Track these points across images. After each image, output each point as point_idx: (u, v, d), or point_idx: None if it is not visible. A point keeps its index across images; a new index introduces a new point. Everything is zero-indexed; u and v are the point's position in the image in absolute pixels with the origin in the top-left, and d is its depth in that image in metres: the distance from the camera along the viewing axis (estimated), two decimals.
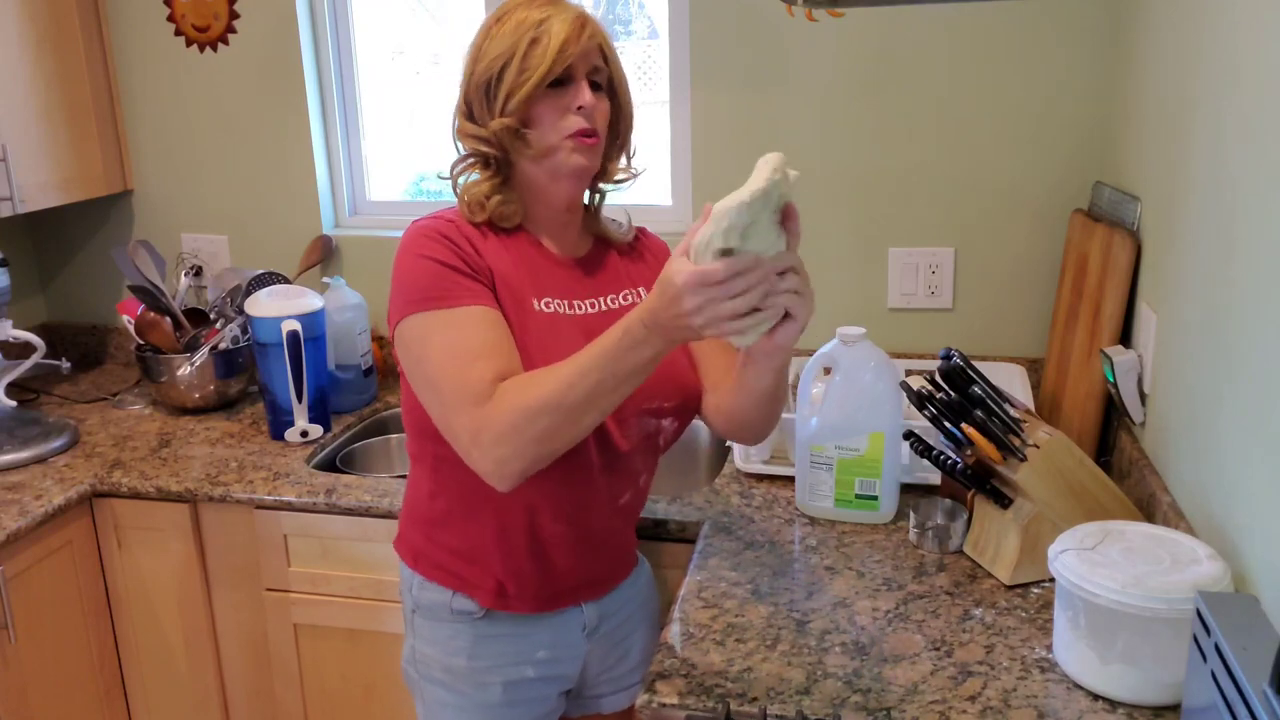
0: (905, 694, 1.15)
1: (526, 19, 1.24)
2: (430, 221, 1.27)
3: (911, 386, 1.43)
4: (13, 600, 1.72)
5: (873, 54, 1.97)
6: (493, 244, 1.28)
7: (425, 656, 1.38)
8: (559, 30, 1.23)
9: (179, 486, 1.84)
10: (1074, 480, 1.36)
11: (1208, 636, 0.95)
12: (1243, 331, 1.14)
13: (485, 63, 1.25)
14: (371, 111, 2.37)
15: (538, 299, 1.29)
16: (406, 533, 1.41)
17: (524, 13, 1.25)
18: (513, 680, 1.36)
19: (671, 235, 2.16)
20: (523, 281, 1.28)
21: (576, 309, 1.32)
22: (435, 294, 1.21)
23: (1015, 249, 2.01)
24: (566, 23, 1.23)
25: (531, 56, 1.23)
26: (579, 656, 1.41)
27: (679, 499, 1.69)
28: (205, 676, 1.95)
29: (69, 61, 2.23)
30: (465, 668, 1.35)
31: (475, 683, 1.36)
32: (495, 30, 1.26)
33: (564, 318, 1.30)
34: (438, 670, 1.37)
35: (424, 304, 1.20)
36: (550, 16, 1.24)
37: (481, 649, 1.35)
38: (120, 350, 2.54)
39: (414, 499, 1.40)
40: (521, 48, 1.23)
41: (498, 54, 1.24)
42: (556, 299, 1.31)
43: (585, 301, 1.34)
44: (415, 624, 1.39)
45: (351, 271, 2.34)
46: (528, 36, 1.23)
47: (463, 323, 1.20)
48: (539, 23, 1.24)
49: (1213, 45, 1.30)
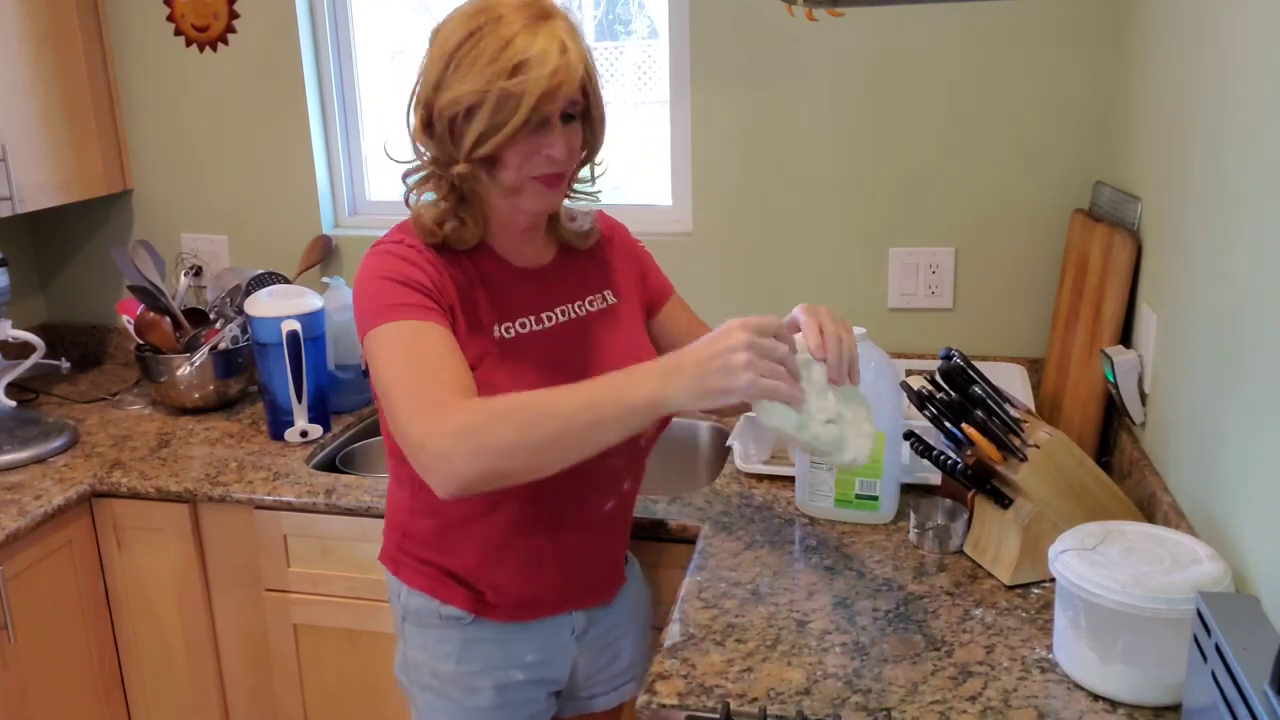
0: (905, 694, 1.15)
1: (502, 54, 1.14)
2: (390, 246, 1.25)
3: (911, 386, 1.43)
4: (13, 600, 1.72)
5: (873, 54, 1.97)
6: (451, 269, 1.25)
7: (416, 662, 1.38)
8: (536, 79, 1.14)
9: (179, 486, 1.84)
10: (1074, 480, 1.36)
11: (1208, 636, 0.95)
12: (1243, 331, 1.14)
13: (452, 93, 1.17)
14: (371, 111, 2.37)
15: (499, 323, 1.27)
16: (390, 544, 1.40)
17: (498, 36, 1.15)
18: (502, 684, 1.36)
19: (671, 235, 2.18)
20: (485, 307, 1.27)
21: (545, 322, 1.31)
22: (396, 305, 1.19)
23: (1015, 249, 2.00)
24: (546, 69, 1.14)
25: (504, 108, 1.15)
26: (568, 659, 1.41)
27: (679, 499, 1.69)
28: (205, 676, 1.95)
29: (69, 61, 2.23)
30: (454, 672, 1.35)
31: (465, 687, 1.35)
32: (468, 53, 1.16)
33: (530, 336, 1.29)
34: (427, 675, 1.37)
35: (386, 316, 1.19)
36: (528, 58, 1.14)
37: (470, 653, 1.35)
38: (120, 350, 2.54)
39: (395, 514, 1.39)
40: (493, 95, 1.14)
41: (468, 91, 1.15)
42: (522, 316, 1.29)
43: (556, 311, 1.33)
44: (405, 631, 1.39)
45: (351, 271, 2.33)
46: (501, 83, 1.14)
47: (424, 333, 1.19)
48: (515, 66, 1.14)
49: (1213, 45, 1.30)
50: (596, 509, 1.36)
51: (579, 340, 1.34)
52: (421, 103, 1.22)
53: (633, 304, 1.43)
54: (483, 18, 1.17)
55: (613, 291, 1.40)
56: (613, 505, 1.38)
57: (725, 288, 2.15)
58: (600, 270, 1.40)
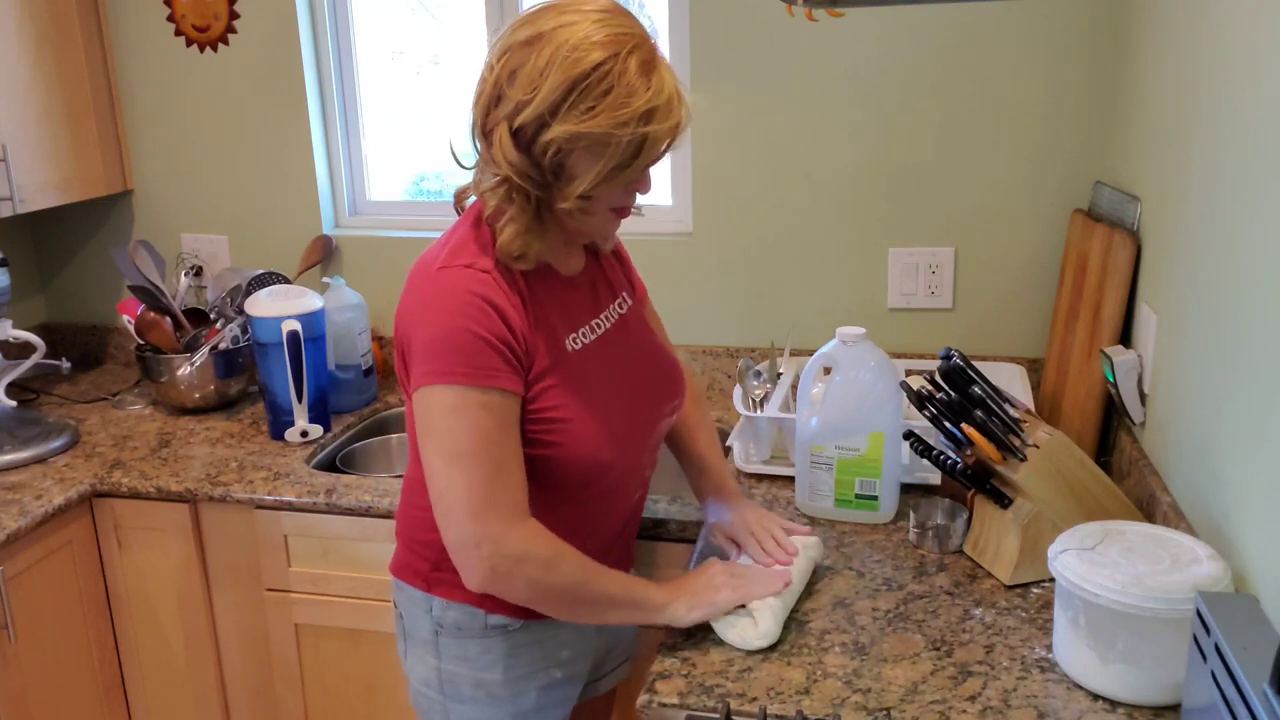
0: (905, 694, 1.15)
1: (632, 98, 1.11)
2: (471, 280, 1.19)
3: (911, 386, 1.43)
4: (13, 600, 1.72)
5: (873, 54, 1.97)
6: (529, 291, 1.24)
7: (454, 675, 1.34)
8: (664, 130, 1.14)
9: (179, 486, 1.84)
10: (1074, 480, 1.36)
11: (1208, 636, 0.95)
12: (1243, 331, 1.14)
13: (570, 128, 1.12)
14: (371, 111, 2.37)
15: (569, 336, 1.29)
16: (419, 561, 1.35)
17: (629, 76, 1.12)
18: (545, 684, 1.36)
19: (671, 235, 2.18)
20: (558, 322, 1.28)
21: (597, 329, 1.34)
22: (479, 366, 1.17)
23: (1015, 249, 2.01)
24: (670, 121, 1.14)
25: (627, 153, 1.14)
26: (592, 650, 1.42)
27: (679, 499, 1.69)
28: (205, 676, 1.95)
29: (69, 62, 2.23)
30: (501, 680, 1.33)
31: (511, 693, 1.35)
32: (594, 88, 1.11)
33: (592, 346, 1.32)
34: (469, 687, 1.34)
35: (465, 376, 1.17)
36: (657, 107, 1.12)
37: (515, 659, 1.34)
38: (120, 350, 2.54)
39: (426, 533, 1.30)
40: (623, 141, 1.12)
41: (593, 132, 1.12)
42: (582, 327, 1.32)
43: (600, 319, 1.35)
44: (440, 644, 1.34)
45: (351, 271, 2.34)
46: (632, 130, 1.12)
47: (503, 412, 1.18)
48: (646, 113, 1.12)
49: (1213, 45, 1.30)
50: (629, 501, 1.41)
51: (622, 345, 1.37)
52: (521, 124, 1.15)
53: (639, 302, 1.47)
54: (609, 50, 1.12)
55: (627, 293, 1.44)
56: (639, 495, 1.43)
57: (725, 288, 2.15)
58: (614, 273, 1.43)
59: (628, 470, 1.35)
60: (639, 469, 1.40)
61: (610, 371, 1.32)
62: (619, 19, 1.16)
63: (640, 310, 1.46)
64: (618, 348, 1.36)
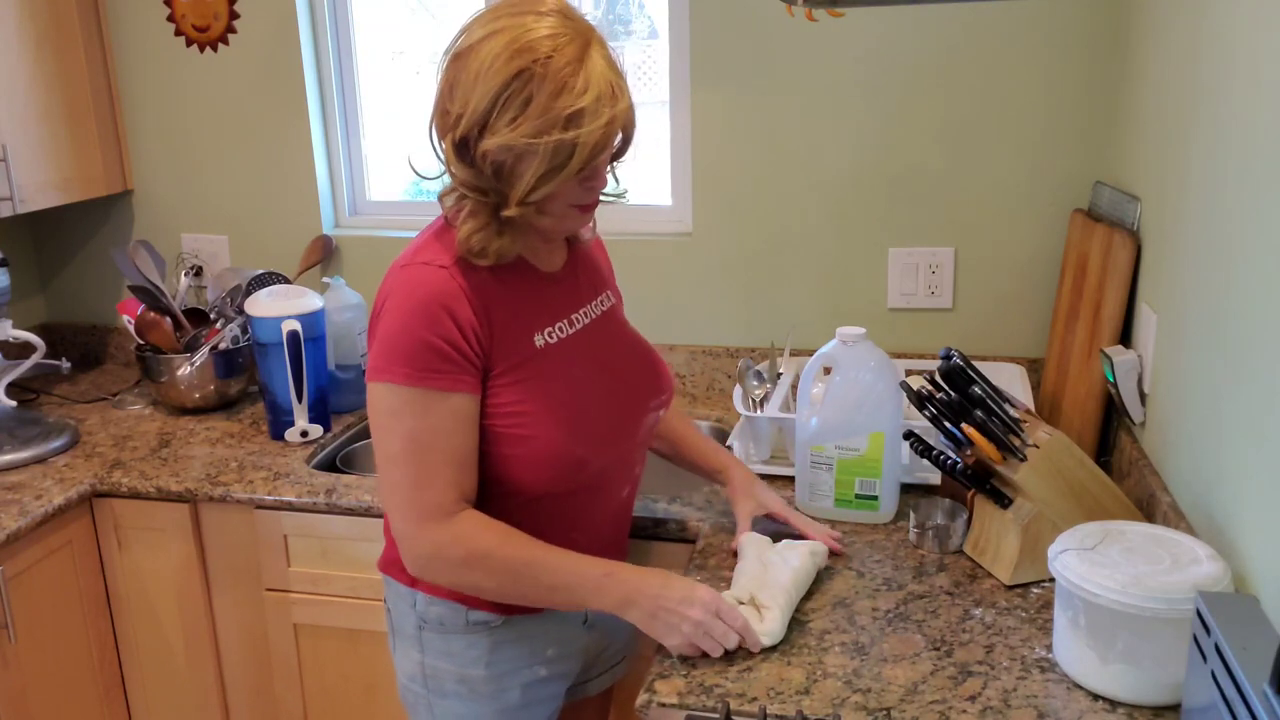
0: (905, 694, 1.15)
1: (555, 103, 1.11)
2: (429, 276, 1.20)
3: (911, 386, 1.43)
4: (13, 600, 1.72)
5: (873, 54, 1.97)
6: (493, 287, 1.24)
7: (438, 670, 1.36)
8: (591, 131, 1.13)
9: (179, 486, 1.84)
10: (1074, 480, 1.36)
11: (1208, 636, 0.95)
12: (1243, 331, 1.14)
13: (500, 139, 1.13)
14: (371, 111, 2.37)
15: (541, 331, 1.29)
16: (396, 554, 1.34)
17: (551, 82, 1.11)
18: (528, 681, 1.36)
19: (671, 235, 2.18)
20: (529, 318, 1.28)
21: (576, 324, 1.34)
22: (418, 368, 1.18)
23: (1015, 249, 2.01)
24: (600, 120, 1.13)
25: (558, 157, 1.14)
26: (581, 649, 1.42)
27: (679, 499, 1.69)
28: (205, 676, 1.95)
29: (69, 61, 2.23)
30: (484, 676, 1.34)
31: (495, 689, 1.35)
32: (516, 97, 1.12)
33: (568, 341, 1.32)
34: (451, 682, 1.35)
35: (404, 376, 1.19)
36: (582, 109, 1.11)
37: (498, 655, 1.34)
38: (120, 350, 2.54)
39: None
40: (549, 147, 1.12)
41: (520, 140, 1.12)
42: (559, 322, 1.31)
43: (580, 313, 1.36)
44: (424, 639, 1.35)
45: (351, 271, 2.34)
46: (556, 135, 1.12)
47: (439, 414, 1.20)
48: (569, 117, 1.11)
49: (1212, 46, 1.30)
50: (617, 496, 1.40)
51: (603, 340, 1.38)
52: (461, 137, 1.17)
53: (618, 299, 1.48)
54: (528, 57, 1.12)
55: (609, 290, 1.45)
56: (628, 491, 1.43)
57: (725, 288, 2.15)
58: (597, 269, 1.44)
59: (610, 465, 1.34)
60: (624, 465, 1.39)
61: (589, 366, 1.32)
62: (549, 20, 1.14)
63: (619, 308, 1.47)
64: (598, 343, 1.36)
